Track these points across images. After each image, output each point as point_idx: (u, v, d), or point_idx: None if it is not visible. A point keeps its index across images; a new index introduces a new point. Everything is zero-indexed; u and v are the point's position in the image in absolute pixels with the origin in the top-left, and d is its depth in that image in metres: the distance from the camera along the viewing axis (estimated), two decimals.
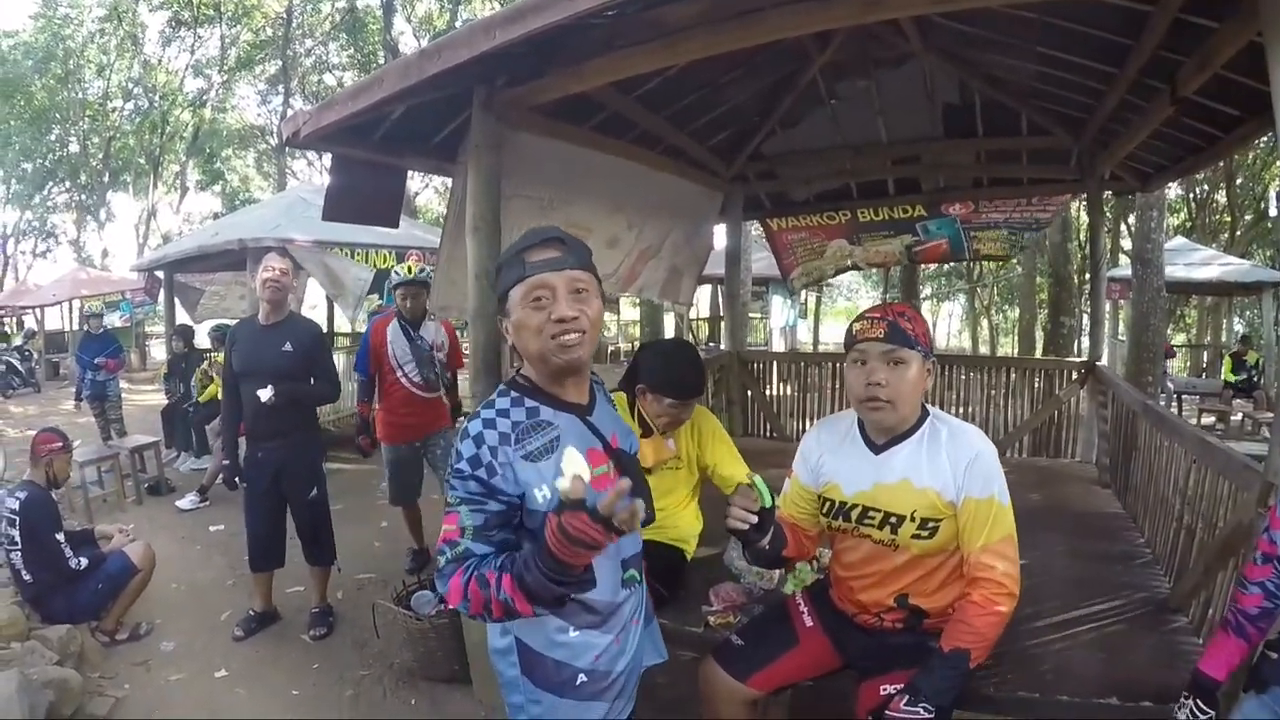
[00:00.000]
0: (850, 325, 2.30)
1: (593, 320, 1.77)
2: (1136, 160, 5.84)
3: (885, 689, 2.23)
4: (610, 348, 20.42)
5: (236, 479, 4.54)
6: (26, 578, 4.33)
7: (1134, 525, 4.39)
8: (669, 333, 18.82)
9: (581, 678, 1.87)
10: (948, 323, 47.76)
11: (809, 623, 2.59)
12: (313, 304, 13.80)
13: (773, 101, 5.67)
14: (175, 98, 29.06)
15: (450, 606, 1.81)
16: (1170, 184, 19.42)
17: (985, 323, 32.97)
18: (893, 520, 2.28)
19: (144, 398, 14.66)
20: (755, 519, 2.10)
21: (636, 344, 17.54)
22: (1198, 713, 2.02)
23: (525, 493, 1.71)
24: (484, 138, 3.39)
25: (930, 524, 2.24)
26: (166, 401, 9.85)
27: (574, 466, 1.61)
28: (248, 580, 4.88)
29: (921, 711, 2.06)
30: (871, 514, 2.32)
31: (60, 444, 4.77)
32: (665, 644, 2.25)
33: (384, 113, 3.36)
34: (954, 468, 2.22)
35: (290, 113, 26.69)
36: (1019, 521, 3.91)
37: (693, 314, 21.93)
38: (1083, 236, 14.98)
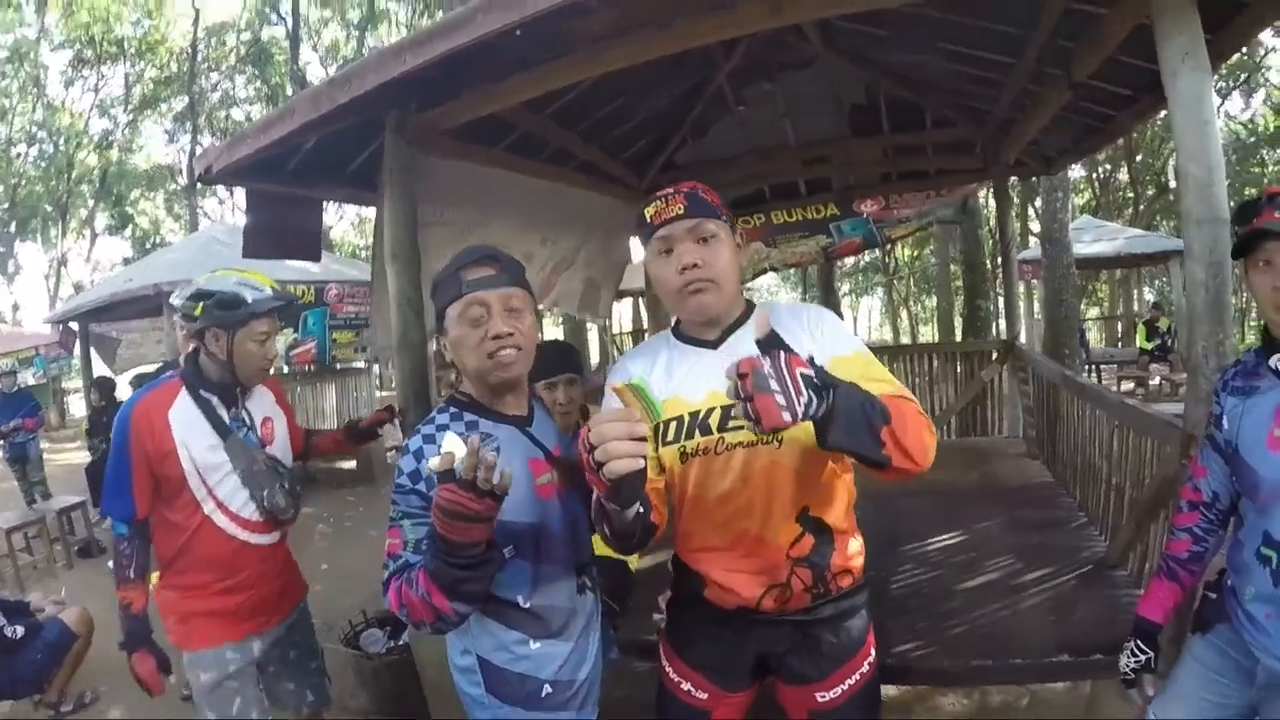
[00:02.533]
0: (642, 213, 1.90)
1: (527, 336, 1.80)
2: (1039, 145, 6.04)
3: (821, 695, 1.96)
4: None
5: None
6: None
7: (1066, 491, 4.57)
8: (593, 349, 18.76)
9: (546, 689, 1.88)
10: (868, 317, 48.76)
11: (702, 695, 2.05)
12: None
13: (682, 112, 5.76)
14: (80, 140, 28.40)
15: (396, 612, 1.73)
16: (1073, 165, 20.13)
17: (905, 313, 33.62)
18: None
19: (66, 456, 14.19)
20: (645, 449, 1.44)
21: None
22: (1138, 652, 2.13)
23: None
24: (398, 163, 3.40)
25: None
26: (90, 459, 9.52)
27: (449, 446, 1.67)
28: None
29: (806, 389, 1.42)
30: (735, 411, 1.71)
31: None
32: (620, 654, 2.27)
33: (296, 144, 3.33)
34: (810, 332, 1.85)
35: (199, 150, 26.30)
36: (956, 501, 4.03)
37: (615, 329, 22.05)
38: (992, 223, 15.42)
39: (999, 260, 7.90)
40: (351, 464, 10.92)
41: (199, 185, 25.74)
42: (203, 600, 2.57)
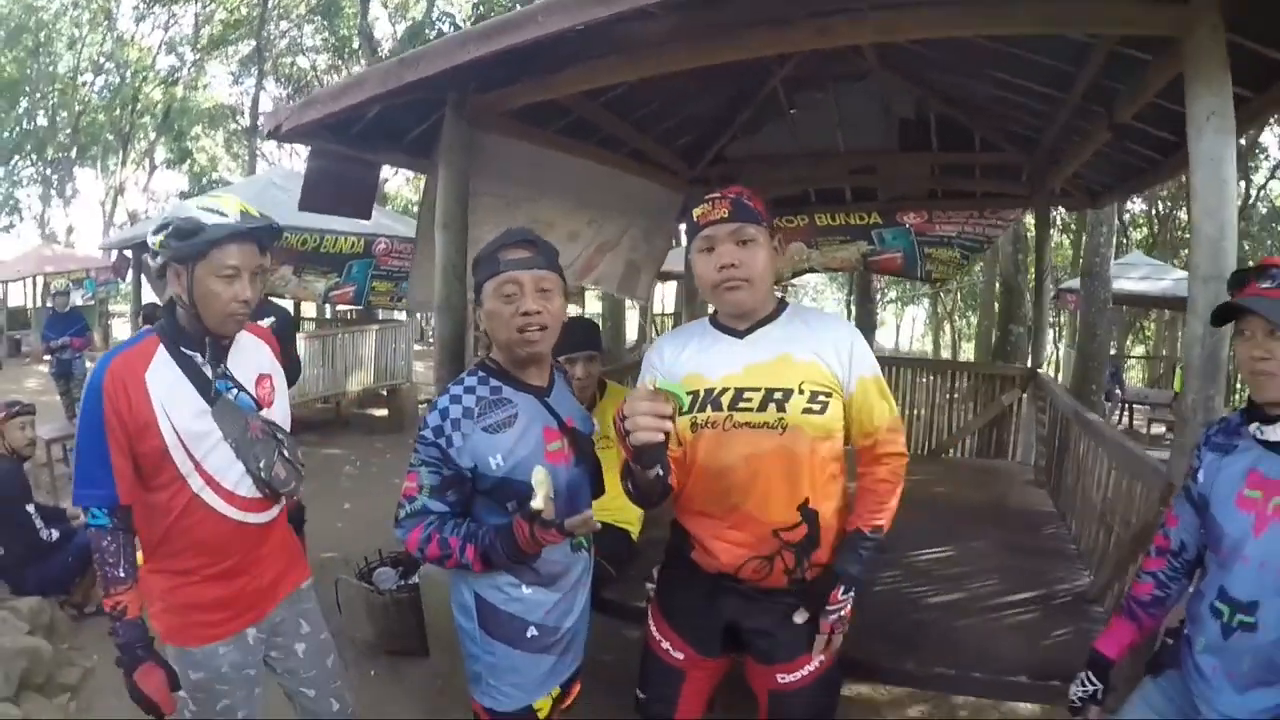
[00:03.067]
0: (691, 212, 2.14)
1: (554, 316, 2.05)
2: (1085, 178, 6.05)
3: (782, 677, 2.17)
4: None
5: None
6: None
7: (1063, 522, 4.59)
8: (631, 327, 18.96)
9: (532, 631, 2.12)
10: (911, 326, 48.30)
11: (679, 655, 2.27)
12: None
13: (734, 110, 5.83)
14: (147, 74, 28.73)
15: (408, 550, 2.04)
16: (1132, 199, 19.84)
17: (948, 328, 33.38)
18: (777, 396, 2.02)
19: None
20: (670, 427, 1.70)
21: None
22: (1088, 683, 2.21)
23: (479, 462, 1.98)
24: (455, 140, 3.61)
25: (820, 397, 2.03)
26: None
27: (543, 487, 1.86)
28: None
29: (848, 597, 2.10)
30: (748, 395, 2.04)
31: (7, 412, 4.79)
32: (612, 619, 2.59)
33: (362, 111, 3.52)
34: (836, 348, 2.07)
35: (262, 95, 26.70)
36: (956, 517, 4.14)
37: (656, 309, 22.17)
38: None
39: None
40: (384, 411, 11.36)
41: (258, 125, 26.26)
42: (194, 589, 2.16)
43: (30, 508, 4.57)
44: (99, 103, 29.03)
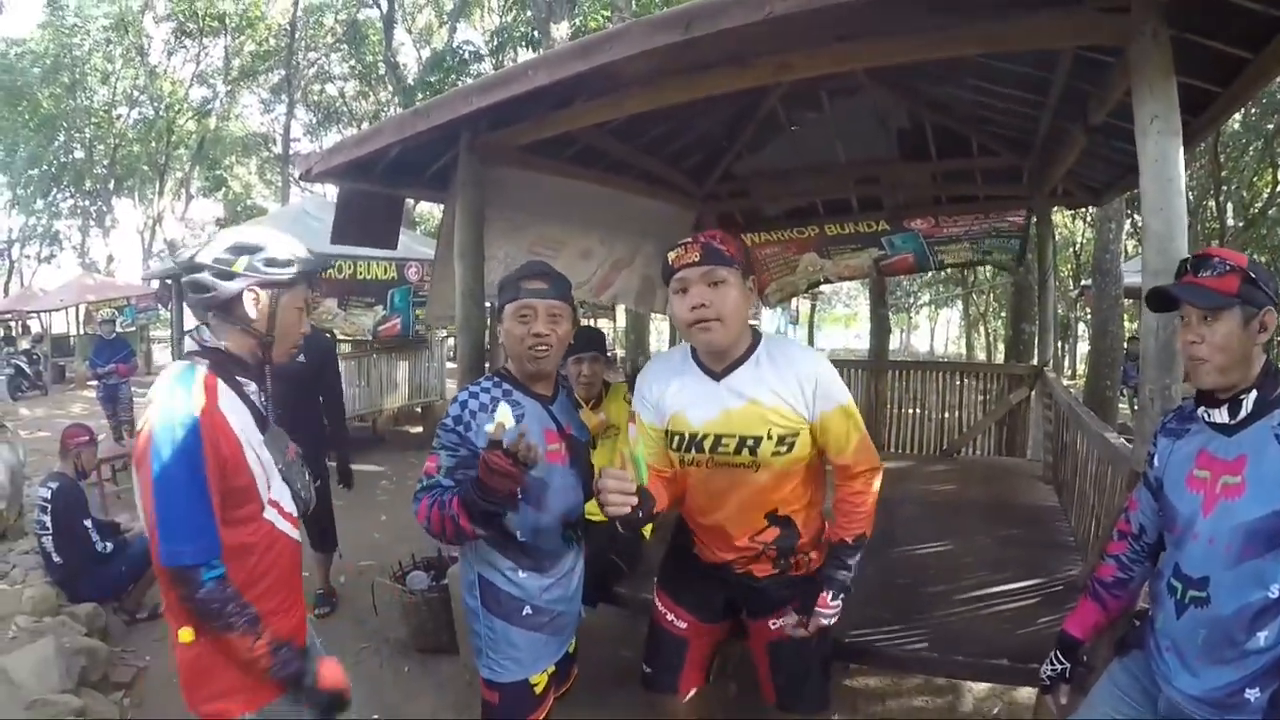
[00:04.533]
0: (666, 257, 2.27)
1: (560, 339, 2.41)
2: (1084, 176, 6.15)
3: (774, 623, 2.53)
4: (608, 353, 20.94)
5: None
6: (57, 560, 4.77)
7: (1064, 516, 4.69)
8: (654, 339, 19.31)
9: (528, 610, 2.44)
10: (946, 329, 47.89)
11: (683, 625, 2.64)
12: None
13: (737, 129, 6.01)
14: (180, 106, 29.40)
15: (419, 521, 2.29)
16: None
17: (982, 329, 33.04)
18: (750, 443, 2.29)
19: None
20: (636, 500, 2.03)
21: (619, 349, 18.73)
22: (1056, 662, 2.36)
23: None
24: (468, 176, 3.92)
25: (788, 439, 2.29)
26: None
27: (501, 416, 2.25)
28: None
29: (836, 604, 2.38)
30: (725, 440, 2.31)
31: (87, 437, 5.28)
32: (623, 610, 3.04)
33: (383, 153, 3.84)
34: (800, 386, 2.27)
35: (294, 121, 27.18)
36: (961, 514, 4.25)
37: None
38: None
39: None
40: (419, 428, 11.78)
41: (290, 152, 26.73)
42: (280, 623, 2.01)
43: (88, 522, 4.91)
44: (134, 135, 29.74)
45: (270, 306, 2.01)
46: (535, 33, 15.69)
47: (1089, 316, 21.92)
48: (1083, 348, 25.94)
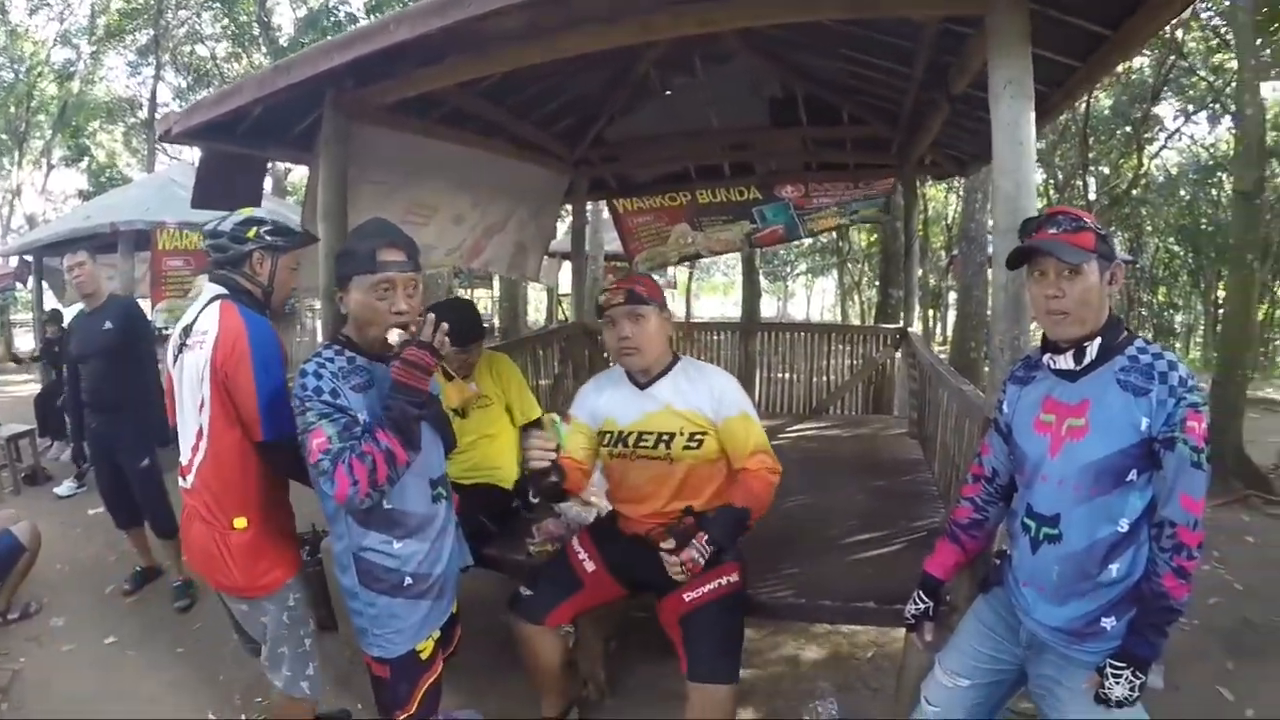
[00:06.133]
0: (598, 298, 2.92)
1: (416, 311, 2.34)
2: (951, 148, 6.41)
3: (688, 595, 2.72)
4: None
5: (83, 456, 4.80)
6: None
7: (928, 468, 4.90)
8: (532, 308, 19.33)
9: (408, 580, 2.40)
10: (822, 298, 49.04)
11: (590, 568, 3.00)
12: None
13: (611, 93, 6.05)
14: (42, 69, 27.67)
15: (342, 500, 2.11)
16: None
17: (856, 297, 33.88)
18: (665, 438, 2.84)
19: (14, 387, 14.37)
20: (554, 455, 2.54)
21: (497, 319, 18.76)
22: (919, 601, 2.48)
23: (356, 413, 2.24)
24: (333, 133, 3.82)
25: (696, 437, 2.82)
26: (40, 389, 9.56)
27: (394, 334, 2.22)
28: (129, 555, 5.09)
29: (708, 547, 2.54)
30: (645, 437, 2.86)
31: None
32: (495, 571, 3.08)
33: (246, 111, 3.71)
34: (709, 395, 2.83)
35: (161, 85, 25.94)
36: (831, 468, 4.42)
37: (563, 289, 22.40)
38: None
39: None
40: None
41: (157, 117, 25.49)
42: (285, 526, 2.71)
43: None
44: None
45: (271, 267, 2.68)
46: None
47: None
48: (953, 315, 26.98)
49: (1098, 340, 2.01)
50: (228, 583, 2.54)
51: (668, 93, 6.09)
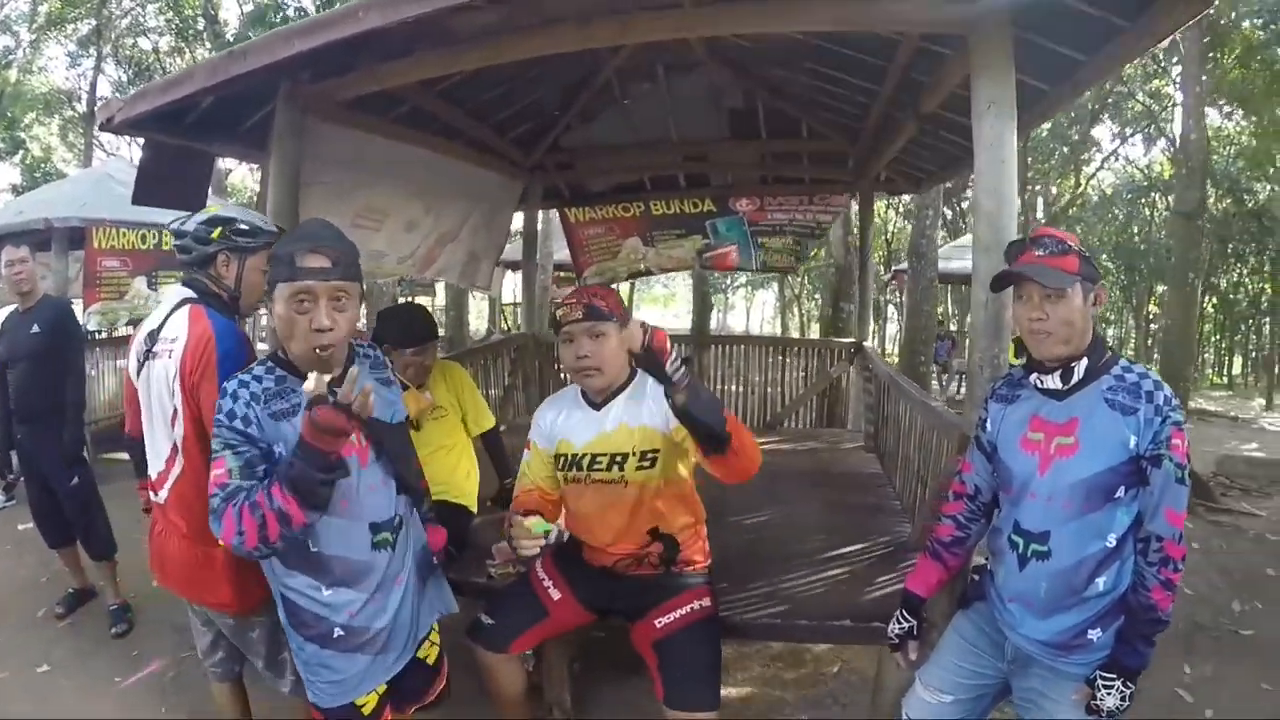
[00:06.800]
0: (554, 312, 2.65)
1: (346, 327, 2.04)
2: (907, 165, 6.42)
3: (660, 621, 2.64)
4: None
5: (10, 469, 4.58)
6: None
7: (888, 482, 4.92)
8: (473, 315, 19.12)
9: (339, 631, 2.12)
10: (761, 310, 49.73)
11: (556, 595, 2.82)
12: None
13: (570, 99, 5.96)
14: None
15: (227, 547, 1.88)
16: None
17: (796, 310, 34.35)
18: (618, 460, 2.61)
19: None
20: (542, 544, 2.41)
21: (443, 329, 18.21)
22: (903, 620, 2.49)
23: (271, 445, 1.99)
24: (287, 128, 3.62)
25: (649, 455, 2.59)
26: None
27: (313, 381, 1.82)
28: (62, 575, 4.80)
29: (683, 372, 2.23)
30: (599, 459, 2.64)
31: None
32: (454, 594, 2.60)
33: (195, 101, 3.47)
34: (659, 404, 2.44)
35: (101, 78, 25.21)
36: (788, 483, 4.28)
37: (507, 299, 22.23)
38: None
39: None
40: None
41: (96, 111, 24.75)
42: None
43: None
44: None
45: (238, 269, 2.51)
46: None
47: (899, 299, 23.30)
48: (892, 328, 27.77)
49: (1084, 361, 2.06)
50: (216, 601, 2.47)
51: (626, 101, 6.01)
